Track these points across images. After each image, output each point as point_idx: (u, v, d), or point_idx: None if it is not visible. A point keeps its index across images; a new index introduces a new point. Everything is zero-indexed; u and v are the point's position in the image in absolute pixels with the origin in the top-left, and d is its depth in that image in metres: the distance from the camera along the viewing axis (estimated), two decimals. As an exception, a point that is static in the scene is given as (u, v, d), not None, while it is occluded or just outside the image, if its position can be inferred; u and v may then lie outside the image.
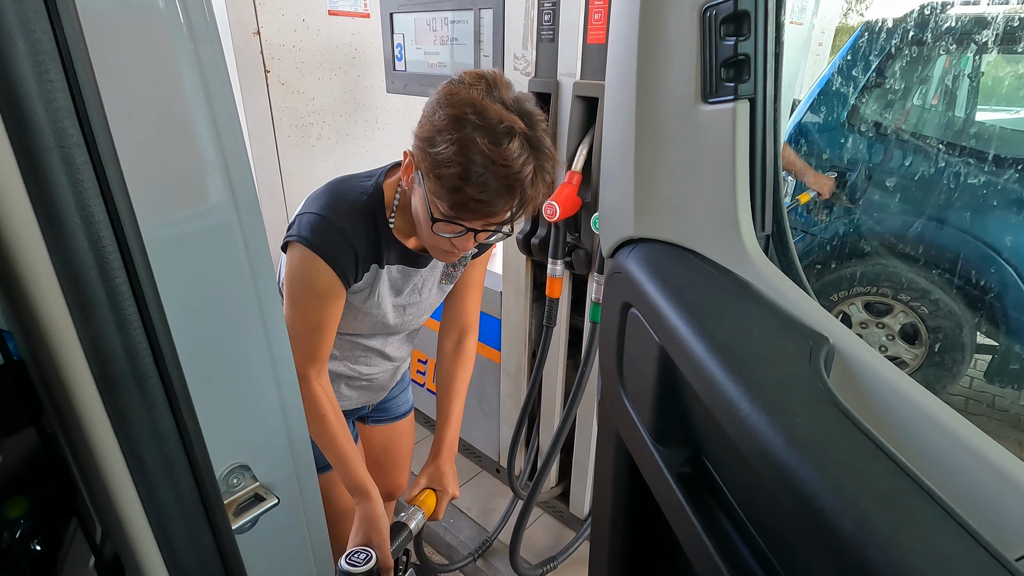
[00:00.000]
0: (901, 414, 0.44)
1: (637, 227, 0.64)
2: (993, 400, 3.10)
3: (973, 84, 2.84)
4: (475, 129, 0.79)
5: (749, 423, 0.42)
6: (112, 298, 0.37)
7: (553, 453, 1.65)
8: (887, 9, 3.09)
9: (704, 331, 0.50)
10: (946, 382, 2.76)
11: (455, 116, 0.80)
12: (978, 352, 2.74)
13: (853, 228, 2.80)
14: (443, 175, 0.81)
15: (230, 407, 0.53)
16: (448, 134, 0.80)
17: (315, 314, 0.95)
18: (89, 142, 0.35)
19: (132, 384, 0.39)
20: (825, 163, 2.81)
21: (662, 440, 0.59)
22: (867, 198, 2.72)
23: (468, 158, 0.79)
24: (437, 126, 0.82)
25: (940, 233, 2.59)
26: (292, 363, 0.59)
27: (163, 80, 0.43)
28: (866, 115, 2.76)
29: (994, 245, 2.51)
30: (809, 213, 2.85)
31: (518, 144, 0.80)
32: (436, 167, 0.82)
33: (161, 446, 0.41)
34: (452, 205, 0.83)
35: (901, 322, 2.75)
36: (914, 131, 2.76)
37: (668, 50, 0.57)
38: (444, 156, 0.80)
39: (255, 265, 0.53)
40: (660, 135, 0.60)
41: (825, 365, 0.46)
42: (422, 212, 0.88)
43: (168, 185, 0.45)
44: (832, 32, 4.67)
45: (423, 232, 0.92)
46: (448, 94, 0.83)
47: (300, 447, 0.61)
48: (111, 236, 0.37)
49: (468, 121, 0.79)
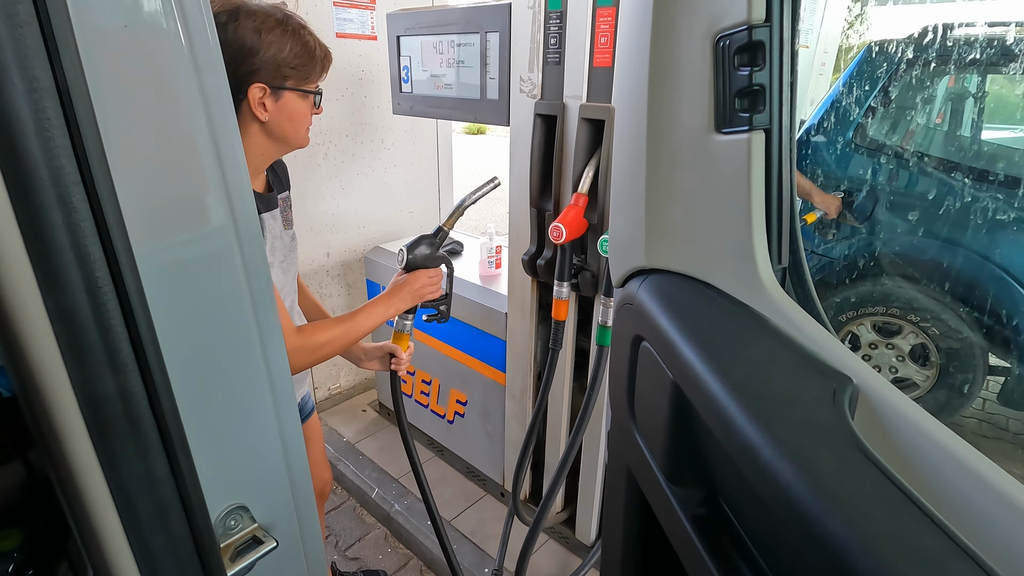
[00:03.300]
0: (931, 462, 0.41)
1: (648, 257, 0.63)
2: (1007, 423, 3.04)
3: (979, 103, 2.84)
4: (280, 20, 0.97)
5: (771, 470, 0.40)
6: (107, 340, 0.36)
7: (559, 478, 1.61)
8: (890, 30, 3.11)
9: (721, 369, 0.48)
10: (959, 404, 2.71)
11: (263, 21, 0.95)
12: (991, 374, 2.69)
13: (860, 247, 2.78)
14: (299, 62, 0.99)
15: (229, 446, 0.51)
16: (275, 37, 0.96)
17: None
18: (87, 180, 0.34)
19: (125, 428, 0.37)
20: (831, 183, 2.80)
21: (676, 480, 0.57)
22: (874, 217, 2.71)
23: (300, 38, 0.98)
24: (269, 40, 0.96)
25: (949, 252, 2.57)
26: (294, 398, 0.57)
27: (167, 113, 0.42)
28: (871, 135, 2.76)
29: (1004, 265, 2.48)
30: (816, 233, 2.83)
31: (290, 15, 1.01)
32: (291, 61, 0.98)
33: (154, 492, 0.40)
34: (313, 76, 1.03)
35: (911, 343, 2.71)
36: (920, 150, 2.76)
37: (680, 78, 0.56)
38: (292, 50, 0.97)
39: (256, 297, 0.51)
40: (672, 164, 0.58)
41: (850, 407, 0.44)
42: (296, 107, 1.03)
43: (170, 219, 0.44)
44: (834, 53, 4.71)
45: (299, 126, 1.05)
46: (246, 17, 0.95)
47: (301, 484, 0.59)
48: (107, 276, 0.36)
49: (270, 18, 0.96)
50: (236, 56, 0.94)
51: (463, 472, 2.31)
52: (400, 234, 2.75)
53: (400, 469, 2.32)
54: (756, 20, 0.49)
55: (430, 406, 2.33)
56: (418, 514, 2.10)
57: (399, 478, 2.28)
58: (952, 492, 0.40)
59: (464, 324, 2.02)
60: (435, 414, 2.32)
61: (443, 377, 2.23)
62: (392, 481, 2.26)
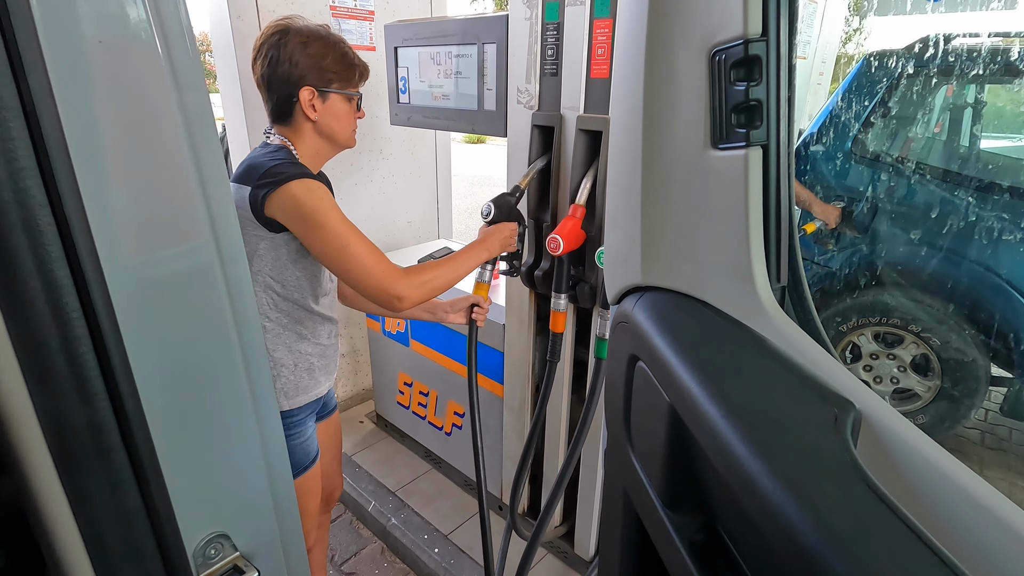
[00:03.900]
0: (937, 493, 0.40)
1: (644, 275, 0.61)
2: (1010, 434, 3.01)
3: (977, 113, 2.84)
4: (324, 35, 1.17)
5: (771, 502, 0.38)
6: (75, 369, 0.34)
7: (558, 492, 1.59)
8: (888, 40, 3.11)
9: (719, 393, 0.46)
10: (961, 415, 2.69)
11: (314, 35, 1.16)
12: (993, 385, 2.66)
13: (860, 257, 2.77)
14: (341, 68, 1.18)
15: (209, 472, 0.49)
16: (323, 47, 1.16)
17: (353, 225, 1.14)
18: (54, 202, 0.33)
19: (95, 461, 0.36)
20: (829, 193, 2.79)
21: (673, 505, 0.55)
22: (874, 227, 2.70)
23: (341, 50, 1.18)
24: (315, 51, 1.15)
25: (950, 262, 2.55)
26: (279, 420, 0.55)
27: (143, 131, 0.40)
28: (870, 144, 2.76)
29: (1006, 275, 2.46)
30: (816, 243, 2.82)
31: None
32: (335, 67, 1.17)
33: (126, 527, 0.38)
34: (355, 81, 1.21)
35: (912, 353, 2.69)
36: (919, 160, 2.75)
37: (675, 93, 0.55)
38: (335, 56, 1.17)
39: (239, 316, 0.50)
40: (667, 180, 0.57)
41: (852, 435, 0.42)
42: (342, 109, 1.21)
43: (147, 239, 0.42)
44: (832, 63, 4.72)
45: (345, 125, 1.23)
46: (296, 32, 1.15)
47: (286, 509, 0.57)
48: (75, 303, 0.34)
49: (318, 34, 1.17)
50: (288, 66, 1.13)
51: (461, 485, 2.28)
52: (399, 244, 2.74)
53: (397, 482, 2.30)
54: (752, 34, 0.48)
55: (428, 418, 2.30)
56: (415, 528, 2.07)
57: (396, 491, 2.25)
58: (959, 526, 0.39)
59: (462, 335, 2.00)
60: (433, 426, 2.30)
61: (441, 389, 2.21)
62: (389, 494, 2.23)
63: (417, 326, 2.20)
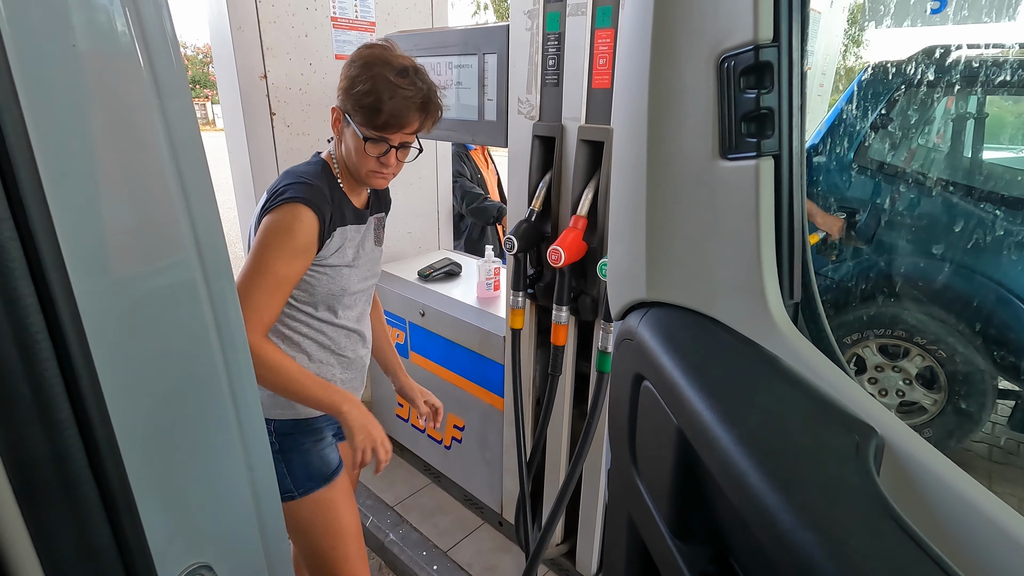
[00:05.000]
0: (968, 527, 0.37)
1: (649, 290, 0.59)
2: (1018, 448, 2.97)
3: (980, 123, 2.82)
4: (383, 67, 1.07)
5: (791, 539, 0.35)
6: (39, 395, 0.32)
7: (559, 509, 1.55)
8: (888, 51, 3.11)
9: (731, 417, 0.43)
10: (968, 429, 2.65)
11: (365, 63, 1.08)
12: (1001, 398, 2.63)
13: (864, 269, 2.74)
14: (365, 104, 1.06)
15: (190, 500, 0.46)
16: (362, 75, 1.06)
17: (284, 269, 1.07)
18: (17, 215, 0.30)
19: (59, 494, 0.33)
20: (833, 204, 2.78)
21: (681, 535, 0.52)
22: (878, 238, 2.67)
23: (379, 87, 1.05)
24: (353, 74, 1.08)
25: (955, 274, 2.53)
26: (267, 443, 0.53)
27: (120, 139, 0.38)
28: (873, 155, 2.74)
29: (1012, 287, 2.44)
30: (819, 255, 2.79)
31: (413, 75, 1.09)
32: (359, 100, 1.07)
33: (94, 564, 0.35)
34: (377, 126, 1.08)
35: (918, 366, 2.65)
36: (922, 170, 2.73)
37: (682, 102, 0.53)
38: (363, 90, 1.06)
39: (224, 334, 0.47)
40: (674, 192, 0.55)
41: (875, 463, 0.39)
42: (354, 144, 1.12)
43: (123, 254, 0.40)
44: (832, 74, 4.72)
45: (358, 161, 1.13)
46: (358, 55, 1.10)
47: (274, 537, 0.54)
48: (41, 323, 0.32)
49: (376, 63, 1.07)
50: (340, 77, 1.11)
51: (460, 500, 2.24)
52: (400, 255, 2.72)
53: (395, 497, 2.25)
54: (763, 40, 0.46)
55: (427, 431, 2.27)
56: (413, 544, 2.02)
57: (394, 505, 2.21)
58: (993, 564, 0.36)
59: (462, 347, 1.97)
60: (432, 439, 2.26)
61: (441, 402, 2.17)
62: (387, 509, 2.19)
63: (416, 338, 2.17)
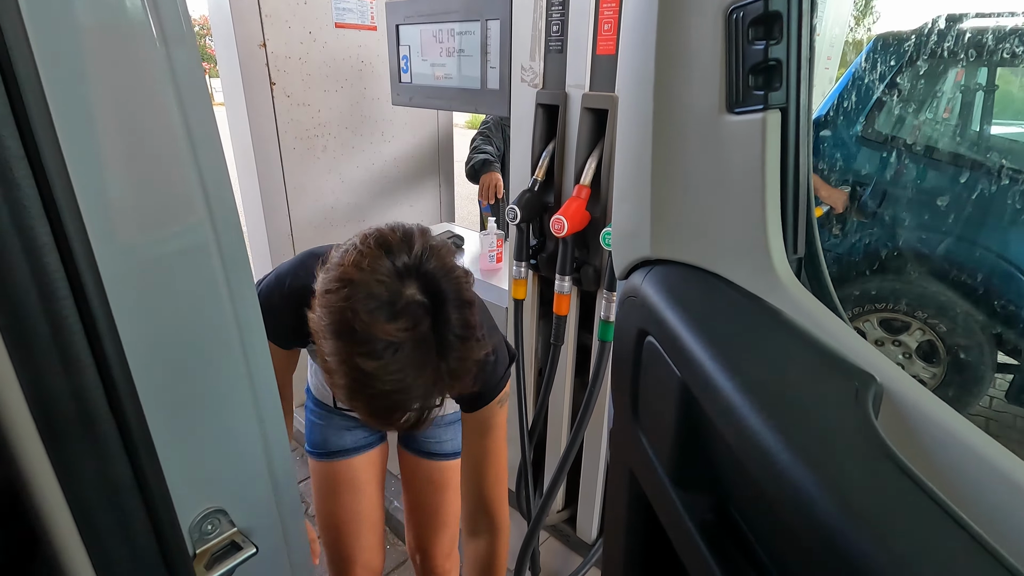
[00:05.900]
0: (963, 468, 0.38)
1: (654, 247, 0.59)
2: (1015, 421, 3.00)
3: (989, 96, 2.78)
4: (351, 344, 0.64)
5: (790, 479, 0.36)
6: (58, 333, 0.33)
7: (560, 476, 1.58)
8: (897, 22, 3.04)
9: (733, 367, 0.44)
10: (966, 402, 2.68)
11: (334, 325, 0.65)
12: (999, 371, 2.65)
13: (868, 243, 2.73)
14: (333, 375, 0.68)
15: (204, 446, 0.48)
16: (328, 335, 0.66)
17: None
18: (31, 155, 0.31)
19: (80, 430, 0.34)
20: (837, 177, 2.75)
21: (682, 483, 0.53)
22: (881, 212, 2.66)
23: (350, 374, 0.65)
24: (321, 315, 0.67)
25: (957, 248, 2.52)
26: (277, 396, 0.54)
27: (126, 87, 0.38)
28: (879, 128, 2.71)
29: (1014, 261, 2.43)
30: (822, 227, 2.78)
31: (409, 350, 0.64)
32: (324, 361, 0.68)
33: (116, 499, 0.36)
34: (348, 405, 0.71)
35: (918, 340, 2.67)
36: (929, 144, 2.70)
37: (689, 57, 0.52)
38: (331, 362, 0.67)
39: (235, 289, 0.48)
40: (680, 148, 0.55)
41: (874, 408, 0.40)
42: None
43: (133, 204, 0.40)
44: (840, 46, 4.63)
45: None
46: (327, 302, 0.66)
47: (285, 487, 0.56)
48: (57, 262, 0.32)
49: (343, 331, 0.64)
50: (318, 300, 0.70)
51: (463, 469, 2.27)
52: (400, 228, 2.72)
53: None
54: (773, -11, 0.45)
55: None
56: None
57: (398, 475, 2.25)
58: (988, 501, 0.37)
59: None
60: (435, 410, 2.29)
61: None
62: (392, 477, 2.23)
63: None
